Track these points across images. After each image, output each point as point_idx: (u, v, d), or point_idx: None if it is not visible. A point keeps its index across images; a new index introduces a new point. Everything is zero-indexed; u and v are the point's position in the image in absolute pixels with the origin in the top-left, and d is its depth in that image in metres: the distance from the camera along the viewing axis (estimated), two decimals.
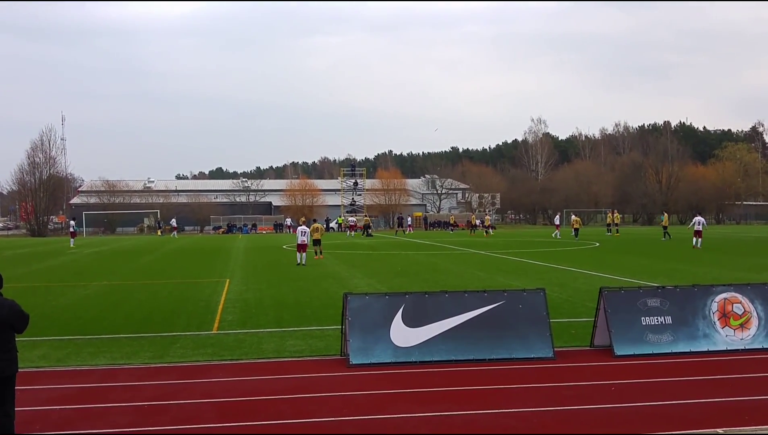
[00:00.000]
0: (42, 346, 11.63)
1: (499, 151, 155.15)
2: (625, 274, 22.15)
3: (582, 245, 40.79)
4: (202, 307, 16.09)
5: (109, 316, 15.09)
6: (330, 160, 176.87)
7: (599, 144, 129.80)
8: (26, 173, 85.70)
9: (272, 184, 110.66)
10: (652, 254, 32.13)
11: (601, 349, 10.61)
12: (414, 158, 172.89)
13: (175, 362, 10.44)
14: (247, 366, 10.19)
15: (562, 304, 15.49)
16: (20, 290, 19.28)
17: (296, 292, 18.75)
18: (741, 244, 40.17)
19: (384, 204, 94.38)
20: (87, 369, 10.11)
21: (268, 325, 13.52)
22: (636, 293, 10.81)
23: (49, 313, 15.56)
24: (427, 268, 26.12)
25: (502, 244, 42.65)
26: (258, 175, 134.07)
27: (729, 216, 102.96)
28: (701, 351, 10.34)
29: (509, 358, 10.02)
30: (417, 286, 19.21)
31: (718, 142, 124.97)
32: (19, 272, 27.02)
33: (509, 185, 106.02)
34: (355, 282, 20.96)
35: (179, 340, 12.16)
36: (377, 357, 9.87)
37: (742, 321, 10.65)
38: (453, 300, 10.46)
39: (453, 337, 10.12)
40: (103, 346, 11.66)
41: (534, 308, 10.49)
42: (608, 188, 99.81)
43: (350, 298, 10.32)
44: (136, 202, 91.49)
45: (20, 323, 6.60)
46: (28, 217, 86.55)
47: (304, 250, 27.50)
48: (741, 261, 27.42)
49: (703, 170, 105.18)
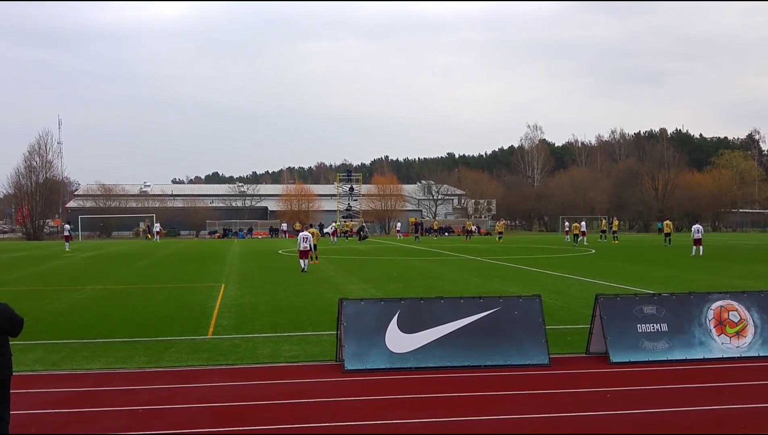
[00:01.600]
0: (37, 350, 11.59)
1: (495, 157, 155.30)
2: (621, 281, 22.17)
3: (578, 252, 40.84)
4: (197, 312, 16.06)
5: (104, 320, 15.05)
6: (326, 166, 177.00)
7: (595, 150, 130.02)
8: (23, 177, 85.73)
9: (268, 189, 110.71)
10: (648, 261, 32.17)
11: (597, 356, 10.60)
12: (410, 164, 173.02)
13: (170, 367, 10.41)
14: (242, 371, 10.17)
15: (557, 310, 15.49)
16: (15, 294, 19.23)
17: (292, 297, 18.73)
18: (737, 252, 40.24)
19: (380, 209, 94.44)
20: (82, 373, 10.08)
21: (263, 330, 13.50)
22: (632, 300, 10.81)
23: (44, 316, 15.51)
24: (422, 273, 26.11)
25: (499, 251, 42.67)
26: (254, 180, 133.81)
27: (725, 223, 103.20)
28: (697, 359, 10.33)
29: (504, 364, 10.01)
30: (412, 291, 19.20)
31: (714, 150, 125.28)
32: (15, 276, 26.96)
33: (505, 191, 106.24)
34: (351, 287, 20.94)
35: (174, 344, 12.13)
36: (372, 363, 9.85)
37: (738, 329, 10.66)
38: (448, 306, 10.45)
39: (448, 344, 10.10)
40: (98, 350, 11.62)
41: (530, 315, 10.48)
42: (604, 195, 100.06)
43: (346, 303, 10.30)
44: (132, 207, 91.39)
45: (13, 327, 6.57)
46: (24, 220, 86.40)
47: (307, 257, 26.87)
48: (737, 268, 27.46)
49: (699, 177, 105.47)
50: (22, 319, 6.67)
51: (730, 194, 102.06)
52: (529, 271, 26.76)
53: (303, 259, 26.61)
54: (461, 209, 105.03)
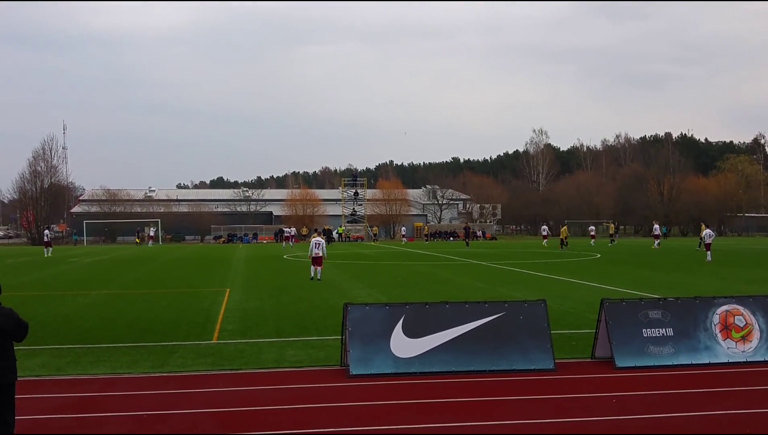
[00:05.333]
0: (41, 355, 11.60)
1: (500, 161, 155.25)
2: (626, 285, 22.11)
3: (583, 256, 40.76)
4: (202, 317, 16.06)
5: (109, 325, 15.06)
6: (331, 170, 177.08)
7: (600, 155, 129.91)
8: (27, 182, 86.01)
9: (273, 194, 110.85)
10: (653, 266, 32.08)
11: (602, 361, 10.57)
12: (415, 168, 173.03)
13: (175, 372, 10.41)
14: (246, 376, 10.16)
15: (563, 315, 15.46)
16: (20, 299, 19.26)
17: (296, 302, 18.72)
18: (743, 256, 40.12)
19: (385, 214, 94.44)
20: (86, 378, 10.09)
21: (268, 335, 13.49)
22: (637, 305, 10.78)
23: (49, 321, 15.54)
24: (427, 278, 26.09)
25: (504, 255, 42.62)
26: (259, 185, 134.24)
27: (731, 228, 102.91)
28: (703, 363, 10.29)
29: (510, 369, 9.98)
30: (417, 296, 19.18)
31: (719, 154, 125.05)
32: (20, 281, 27.02)
33: (510, 196, 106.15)
34: (356, 292, 20.93)
35: (179, 349, 12.14)
36: (377, 368, 9.83)
37: (744, 333, 10.62)
38: (454, 311, 10.43)
39: (453, 348, 10.08)
40: (102, 356, 11.63)
41: (535, 319, 10.46)
42: (609, 199, 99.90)
43: (350, 308, 10.29)
44: (137, 211, 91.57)
45: (18, 332, 6.57)
46: (29, 225, 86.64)
47: (320, 264, 25.06)
48: (743, 273, 27.37)
49: (704, 182, 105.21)
50: (26, 323, 6.67)
51: (736, 199, 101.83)
52: (534, 276, 26.71)
53: (315, 266, 25.06)
54: (466, 214, 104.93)
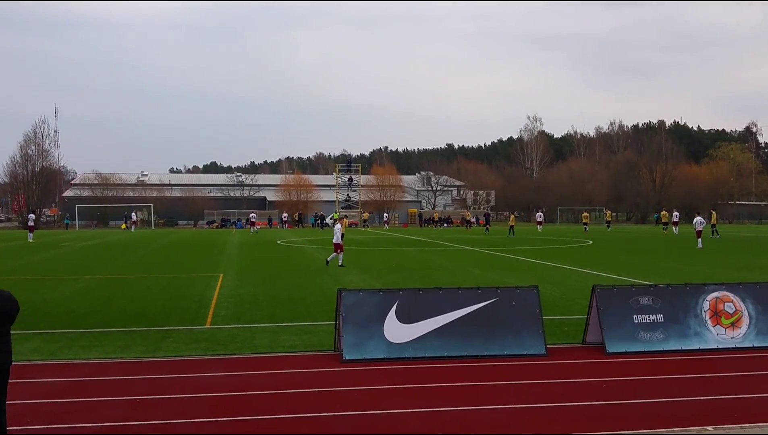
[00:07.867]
0: (34, 340, 11.60)
1: (494, 148, 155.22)
2: (618, 272, 22.21)
3: (576, 243, 40.89)
4: (195, 302, 16.07)
5: (101, 309, 15.05)
6: (325, 156, 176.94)
7: (594, 142, 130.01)
8: (18, 165, 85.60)
9: (267, 179, 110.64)
10: (645, 252, 32.22)
11: (593, 347, 10.64)
12: (409, 155, 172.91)
13: (167, 356, 10.43)
14: (240, 361, 10.19)
15: (555, 301, 15.53)
16: (12, 283, 19.22)
17: (290, 287, 18.74)
18: (733, 244, 40.32)
19: (379, 200, 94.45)
20: (79, 362, 10.10)
21: (261, 320, 13.52)
22: (628, 291, 10.85)
23: (41, 306, 15.52)
24: (421, 264, 26.14)
25: (497, 242, 42.71)
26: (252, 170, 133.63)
27: (722, 215, 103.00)
28: (692, 349, 10.38)
29: (502, 354, 10.05)
30: (411, 282, 19.23)
31: (711, 142, 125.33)
32: (11, 265, 26.95)
33: (504, 183, 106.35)
34: (349, 278, 20.96)
35: (172, 334, 12.15)
36: (371, 353, 9.88)
37: (734, 320, 10.70)
38: (447, 297, 10.47)
39: (446, 334, 10.13)
40: (95, 340, 11.63)
41: (527, 305, 10.51)
42: (602, 187, 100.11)
43: (344, 293, 10.32)
44: (129, 196, 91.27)
45: (17, 313, 6.62)
46: (20, 209, 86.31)
47: (342, 250, 24.74)
48: (733, 260, 27.53)
49: (696, 170, 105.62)
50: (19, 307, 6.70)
51: (728, 186, 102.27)
52: (527, 262, 26.80)
53: (338, 252, 24.60)
54: (460, 200, 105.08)
